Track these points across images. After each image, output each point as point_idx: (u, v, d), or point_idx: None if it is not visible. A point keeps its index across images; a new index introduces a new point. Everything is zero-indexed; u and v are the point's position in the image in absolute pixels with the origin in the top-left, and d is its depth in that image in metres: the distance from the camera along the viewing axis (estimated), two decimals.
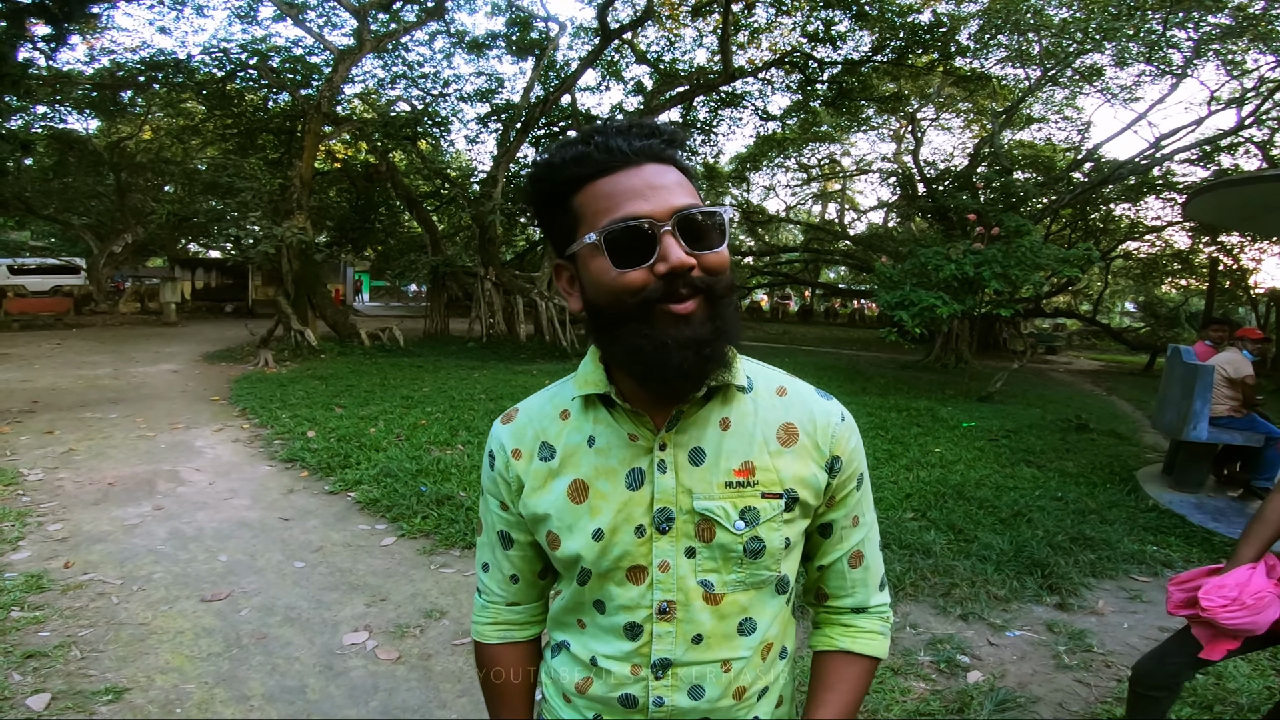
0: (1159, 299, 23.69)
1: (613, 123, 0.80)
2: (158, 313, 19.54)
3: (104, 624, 2.86)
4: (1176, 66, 12.83)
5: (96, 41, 14.66)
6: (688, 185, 0.78)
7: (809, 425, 0.87)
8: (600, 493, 0.85)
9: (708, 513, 0.82)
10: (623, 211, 0.74)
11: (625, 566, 0.84)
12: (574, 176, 0.77)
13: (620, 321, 0.77)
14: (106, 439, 6.00)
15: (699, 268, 0.75)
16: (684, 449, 0.83)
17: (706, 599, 0.84)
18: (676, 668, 0.86)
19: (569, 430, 0.88)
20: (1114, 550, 3.99)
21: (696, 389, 0.81)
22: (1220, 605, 1.65)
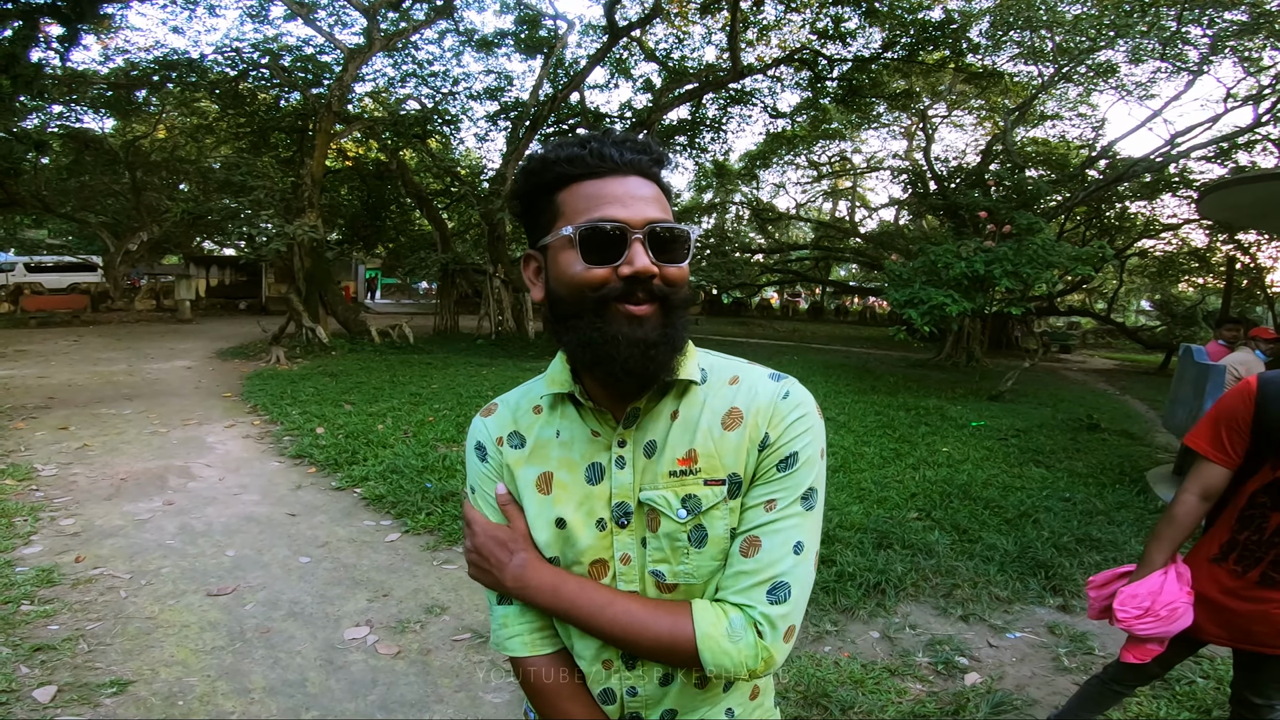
0: (1175, 297, 23.36)
1: (610, 133, 0.85)
2: (173, 310, 19.78)
3: (112, 618, 2.91)
4: (1192, 63, 12.66)
5: (110, 41, 14.84)
6: (663, 202, 0.85)
7: (750, 405, 0.86)
8: (561, 483, 0.89)
9: (650, 502, 0.85)
10: (601, 213, 0.80)
11: (588, 560, 0.87)
12: (564, 174, 0.83)
13: (578, 314, 0.82)
14: (120, 435, 6.09)
15: (660, 277, 0.81)
16: (640, 444, 0.87)
17: (660, 588, 0.86)
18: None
19: (540, 424, 0.93)
20: (1120, 552, 3.95)
21: (641, 386, 0.85)
22: (1134, 616, 1.67)
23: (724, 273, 19.50)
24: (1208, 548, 1.74)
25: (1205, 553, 1.74)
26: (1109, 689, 2.02)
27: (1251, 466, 1.64)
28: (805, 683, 2.53)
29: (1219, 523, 1.73)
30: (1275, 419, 1.57)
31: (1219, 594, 1.69)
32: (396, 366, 10.65)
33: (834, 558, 3.64)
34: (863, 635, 2.99)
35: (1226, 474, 1.67)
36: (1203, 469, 1.69)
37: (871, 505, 4.62)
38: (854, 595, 3.26)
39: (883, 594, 3.33)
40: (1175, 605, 1.64)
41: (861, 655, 2.81)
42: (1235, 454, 1.65)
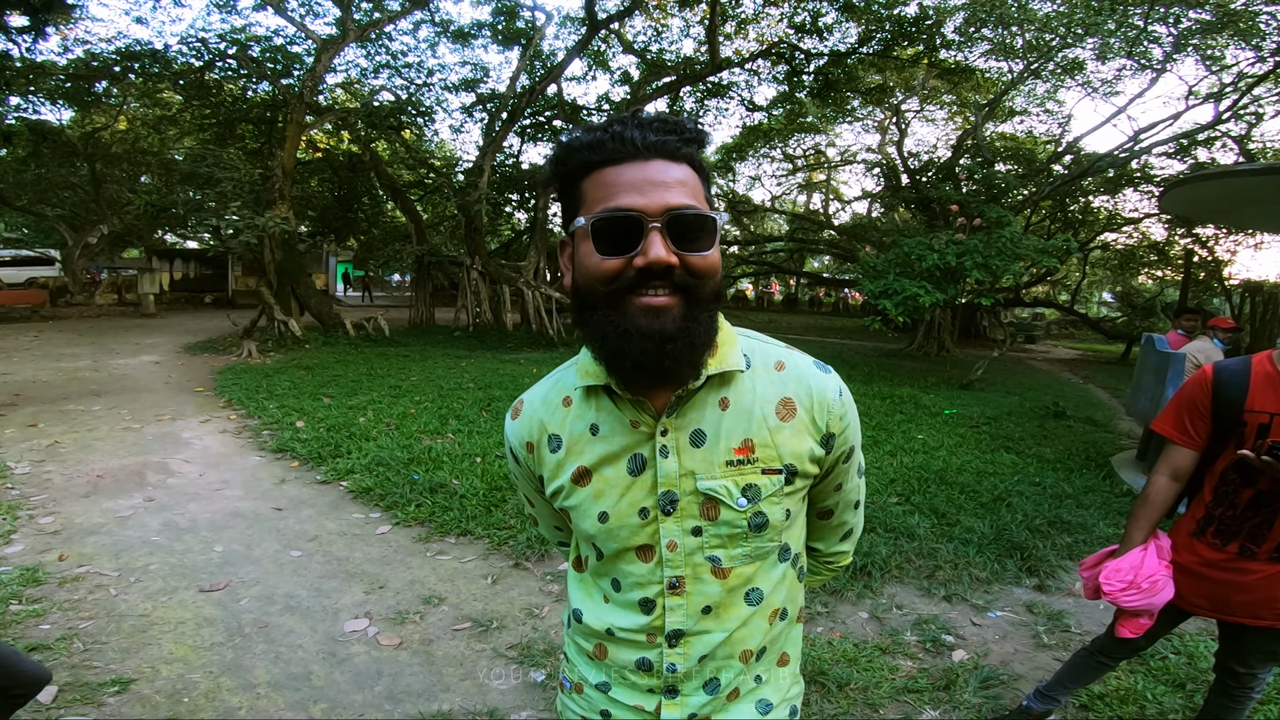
0: (1135, 289, 24.13)
1: (638, 115, 0.82)
2: (135, 304, 19.23)
3: (104, 616, 2.88)
4: (1157, 61, 13.02)
5: (71, 32, 14.33)
6: (693, 185, 0.80)
7: (806, 400, 0.89)
8: (604, 478, 0.89)
9: (711, 492, 0.86)
10: (616, 202, 0.77)
11: (633, 546, 0.90)
12: (586, 161, 0.80)
13: (593, 306, 0.81)
14: (91, 431, 5.95)
15: (682, 267, 0.78)
16: (685, 432, 0.87)
17: (715, 573, 0.89)
18: (689, 637, 0.92)
19: (572, 418, 0.92)
20: (1090, 534, 4.12)
21: (665, 380, 0.83)
22: (1120, 589, 1.77)
23: None
24: (1187, 523, 1.85)
25: (1185, 528, 1.85)
26: (1096, 661, 2.13)
27: (1217, 447, 1.76)
28: (802, 661, 2.61)
29: (1196, 500, 1.84)
30: (1229, 403, 1.70)
31: (1200, 566, 1.79)
32: (373, 359, 10.54)
33: None
34: (852, 616, 3.09)
35: (1193, 455, 1.79)
36: (1171, 452, 1.81)
37: None
38: (842, 578, 3.37)
39: (869, 576, 3.43)
40: (1156, 578, 1.74)
41: (853, 635, 2.91)
42: (1199, 436, 1.77)
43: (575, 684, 1.02)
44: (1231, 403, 1.69)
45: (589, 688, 1.00)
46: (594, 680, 0.99)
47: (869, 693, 2.46)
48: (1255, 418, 1.66)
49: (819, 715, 2.35)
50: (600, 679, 0.98)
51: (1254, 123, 14.26)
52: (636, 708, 0.96)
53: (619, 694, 0.97)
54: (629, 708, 0.96)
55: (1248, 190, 5.87)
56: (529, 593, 3.23)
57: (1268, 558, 1.69)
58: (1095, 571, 1.88)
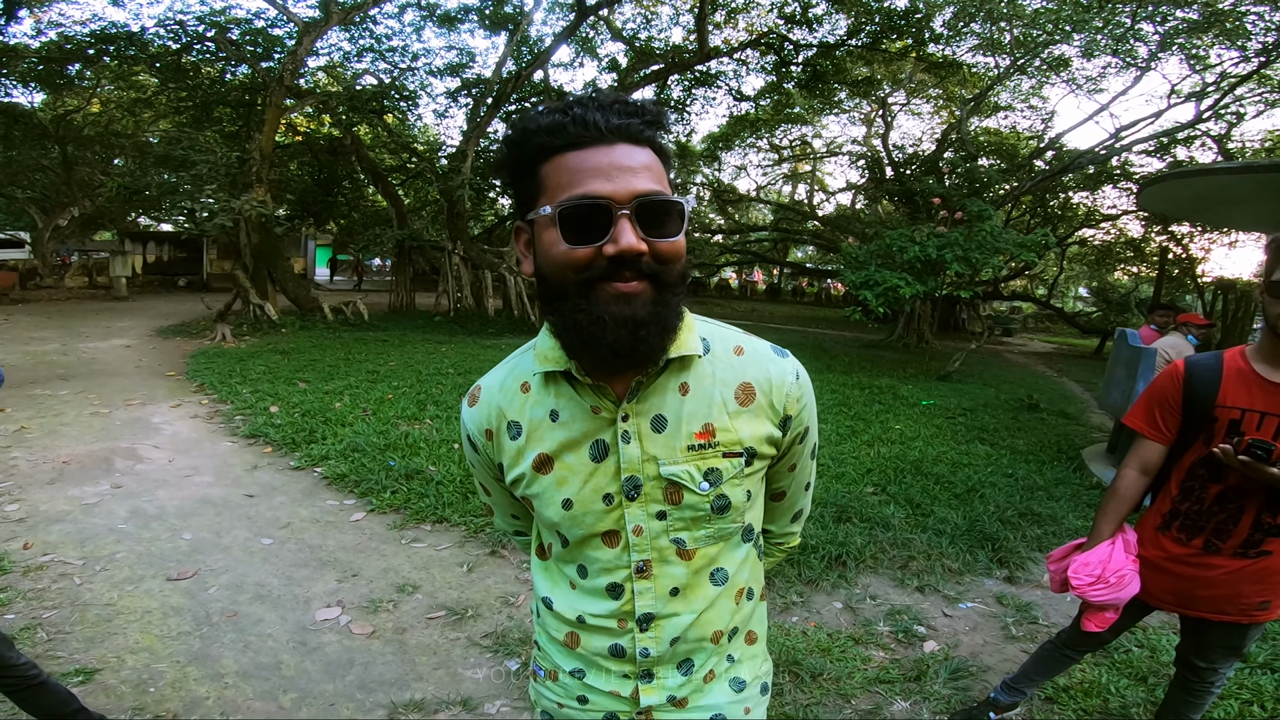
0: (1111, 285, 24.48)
1: (597, 95, 0.78)
2: (107, 287, 18.79)
3: (69, 605, 2.82)
4: (1141, 59, 13.14)
5: (44, 15, 13.88)
6: (657, 169, 0.78)
7: (765, 384, 0.90)
8: (566, 465, 0.88)
9: (673, 477, 0.87)
10: (583, 189, 0.74)
11: (599, 532, 0.89)
12: (545, 145, 0.77)
13: (563, 295, 0.79)
14: (59, 416, 5.82)
15: (651, 253, 0.76)
16: (645, 417, 0.86)
17: (680, 555, 0.90)
18: (659, 620, 0.92)
19: (531, 404, 0.90)
20: (1059, 526, 4.19)
21: (638, 365, 0.83)
22: (1087, 584, 1.78)
23: None
24: (1153, 517, 1.86)
25: (1151, 522, 1.86)
26: (1061, 654, 2.15)
27: (1186, 441, 1.76)
28: (776, 651, 2.63)
29: (1162, 494, 1.85)
30: (1201, 398, 1.70)
31: (1165, 561, 1.80)
32: (351, 344, 10.40)
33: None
34: (827, 606, 3.12)
35: (1162, 450, 1.79)
36: (1140, 446, 1.82)
37: (830, 480, 4.78)
38: (817, 567, 3.39)
39: (844, 566, 3.46)
40: (1123, 572, 1.75)
41: (827, 625, 2.93)
42: (1169, 431, 1.77)
43: (550, 671, 1.02)
44: (1203, 398, 1.70)
45: (564, 675, 1.00)
46: (568, 667, 0.99)
47: (841, 683, 2.48)
48: (1226, 413, 1.66)
49: (793, 704, 2.37)
50: (574, 665, 0.99)
51: (1234, 122, 14.48)
52: (613, 694, 0.96)
53: (594, 680, 0.97)
54: (605, 693, 0.97)
55: (1223, 189, 5.96)
56: (505, 581, 3.21)
57: (1232, 553, 1.70)
58: (1063, 565, 1.88)
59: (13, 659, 1.84)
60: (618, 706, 0.97)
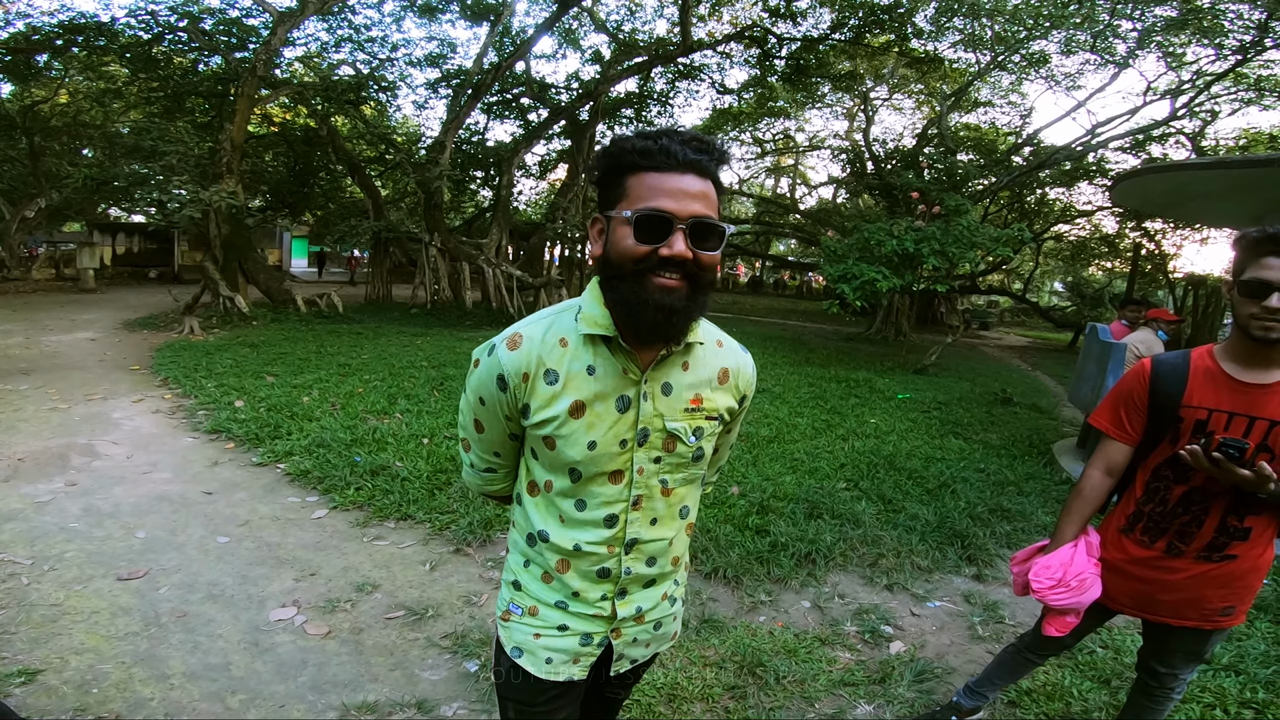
0: (1085, 280, 24.85)
1: (681, 131, 1.01)
2: (74, 279, 18.34)
3: (14, 606, 2.71)
4: (1119, 56, 13.28)
5: (11, 6, 13.45)
6: (712, 198, 1.01)
7: (736, 371, 1.20)
8: (596, 413, 1.09)
9: (674, 431, 1.12)
10: (656, 203, 0.97)
11: (609, 470, 1.11)
12: (635, 164, 1.00)
13: (621, 277, 1.01)
14: (16, 412, 5.63)
15: (694, 261, 0.99)
16: (658, 383, 1.11)
17: (663, 493, 1.16)
18: (640, 544, 1.18)
19: (569, 358, 1.09)
20: (1029, 522, 4.21)
21: (665, 341, 1.06)
22: (1048, 587, 1.74)
23: None
24: (1117, 519, 1.82)
25: (1115, 524, 1.82)
26: (1023, 657, 2.12)
27: (1152, 442, 1.72)
28: (741, 653, 2.60)
29: (1125, 495, 1.81)
30: (1167, 397, 1.66)
31: (1127, 564, 1.76)
32: (324, 337, 10.23)
33: (768, 528, 3.74)
34: (795, 605, 3.09)
35: (1128, 450, 1.75)
36: (1106, 446, 1.77)
37: (804, 476, 4.76)
38: (786, 565, 3.37)
39: (814, 564, 3.44)
40: (1084, 576, 1.71)
41: (794, 625, 2.91)
42: (1134, 431, 1.73)
43: (529, 608, 1.21)
44: (1169, 397, 1.65)
45: (545, 608, 1.20)
46: (551, 600, 1.19)
47: (806, 686, 2.45)
48: (1193, 413, 1.62)
49: (756, 708, 2.33)
50: (557, 598, 1.19)
51: (1208, 120, 14.68)
52: (595, 615, 1.19)
53: (577, 607, 1.19)
54: (586, 617, 1.19)
55: (1195, 184, 6.02)
56: (468, 579, 3.15)
57: (1195, 556, 1.67)
58: (1025, 567, 1.85)
59: None
60: (594, 627, 1.20)
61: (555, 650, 1.20)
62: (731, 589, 3.18)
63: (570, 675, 1.21)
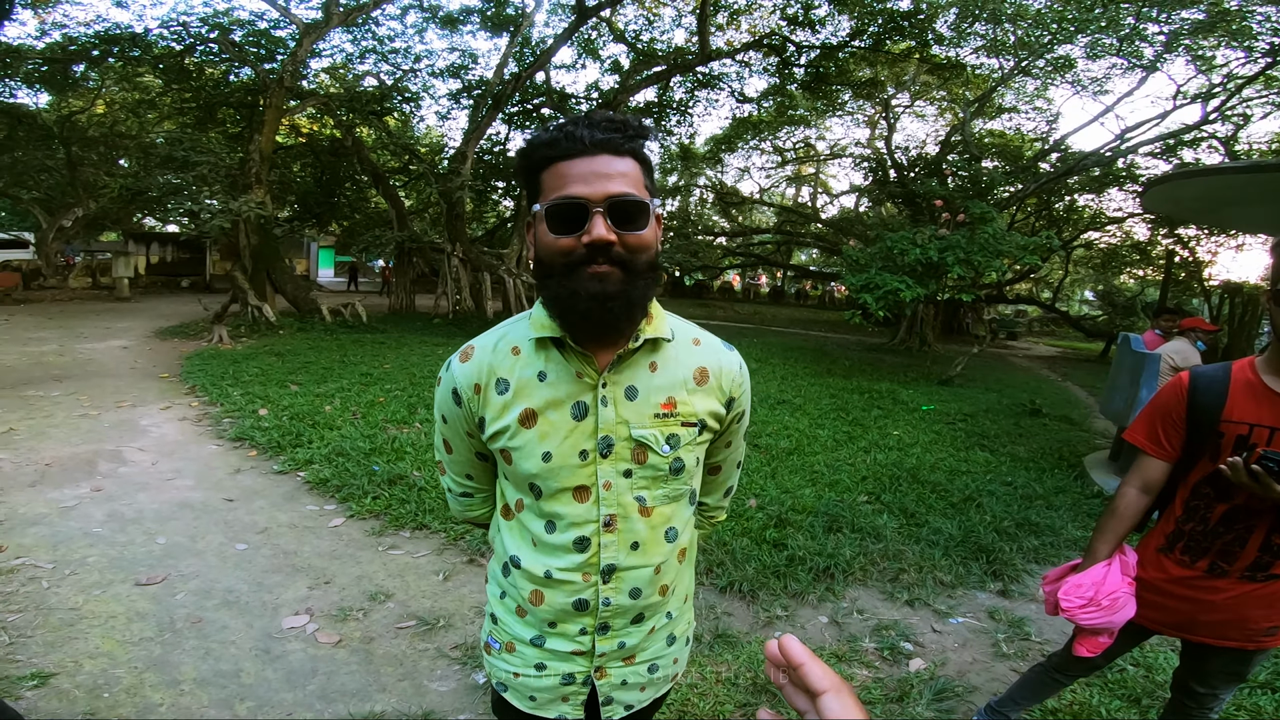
0: (1117, 288, 24.30)
1: (590, 115, 0.95)
2: (110, 288, 18.87)
3: (33, 609, 2.75)
4: (1147, 60, 13.01)
5: (48, 15, 13.95)
6: (634, 176, 0.94)
7: (717, 370, 1.08)
8: (549, 421, 1.00)
9: (642, 439, 1.01)
10: (566, 191, 0.91)
11: (571, 486, 1.01)
12: (544, 156, 0.94)
13: (551, 274, 0.95)
14: (48, 418, 5.77)
15: (620, 244, 0.91)
16: (621, 386, 1.01)
17: (641, 512, 1.04)
18: (620, 571, 1.05)
19: (520, 365, 1.02)
20: (1058, 536, 4.08)
21: (604, 333, 0.97)
22: (1079, 606, 1.67)
23: (687, 255, 19.50)
24: (1155, 538, 1.74)
25: (1153, 543, 1.74)
26: (1050, 678, 2.03)
27: (1192, 458, 1.64)
28: (755, 669, 2.54)
29: (1165, 514, 1.73)
30: (1206, 412, 1.58)
31: (1167, 584, 1.69)
32: (348, 346, 10.36)
33: (785, 541, 3.67)
34: (812, 620, 3.02)
35: (1165, 467, 1.67)
36: (1142, 463, 1.70)
37: (823, 488, 4.68)
38: (804, 580, 3.30)
39: (832, 578, 3.37)
40: (1117, 595, 1.64)
41: (810, 641, 2.84)
42: (1172, 448, 1.65)
43: (506, 644, 1.12)
44: (1208, 412, 1.58)
45: (521, 645, 1.10)
46: (527, 636, 1.09)
47: None
48: (1234, 428, 1.55)
49: None
50: (532, 634, 1.09)
51: (1241, 124, 14.30)
52: (573, 653, 1.08)
53: (554, 644, 1.08)
54: (565, 654, 1.09)
55: (1229, 190, 5.84)
56: (481, 590, 3.13)
57: (1239, 576, 1.59)
58: (1057, 586, 1.78)
59: None
60: (574, 667, 1.09)
61: (537, 690, 1.11)
62: (747, 603, 3.12)
63: (561, 713, 1.12)
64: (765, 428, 6.36)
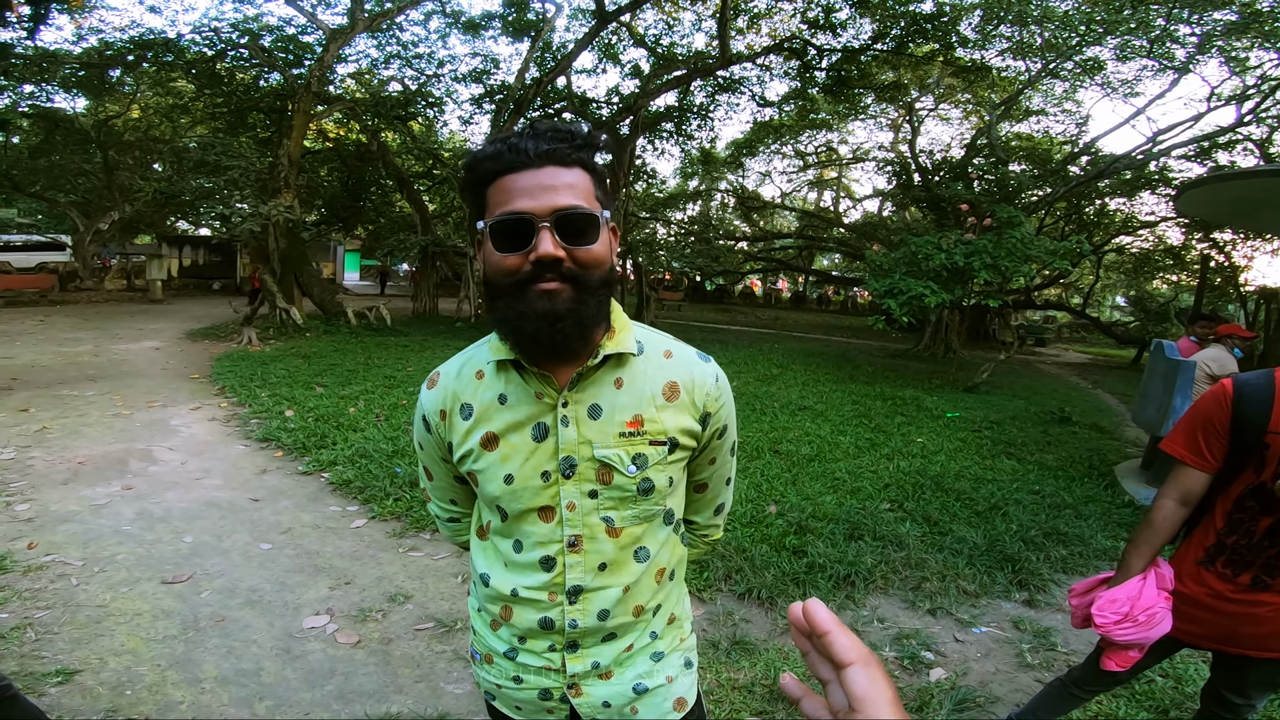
0: (1149, 294, 23.74)
1: (534, 125, 0.90)
2: (144, 290, 19.36)
3: (61, 606, 2.82)
4: (1178, 62, 12.71)
5: (85, 21, 14.40)
6: (584, 187, 0.89)
7: (688, 384, 1.02)
8: (510, 444, 0.98)
9: (605, 459, 0.97)
10: (511, 206, 0.87)
11: (535, 507, 0.99)
12: (489, 171, 0.90)
13: (499, 294, 0.91)
14: (82, 417, 5.92)
15: (570, 260, 0.88)
16: (583, 405, 0.97)
17: (609, 532, 1.00)
18: (587, 593, 1.02)
19: (482, 389, 1.00)
20: (1087, 546, 3.98)
21: (554, 352, 0.93)
22: (1113, 621, 1.62)
23: (708, 260, 19.45)
24: (1193, 551, 1.69)
25: (1192, 556, 1.69)
26: (1070, 692, 1.98)
27: (1233, 470, 1.58)
28: (772, 676, 2.51)
29: (1203, 526, 1.67)
30: (1250, 422, 1.52)
31: (1208, 598, 1.64)
32: (372, 349, 10.50)
33: (805, 548, 3.63)
34: None
35: (1206, 479, 1.62)
36: (1180, 474, 1.64)
37: (845, 495, 4.62)
38: (824, 587, 3.26)
39: (852, 586, 3.32)
40: (1154, 610, 1.60)
41: None
42: (1214, 459, 1.59)
43: (484, 655, 1.12)
44: (1253, 422, 1.51)
45: (498, 657, 1.09)
46: (501, 649, 1.08)
47: None
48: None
49: None
50: (506, 646, 1.08)
51: (1276, 126, 13.91)
52: (544, 668, 1.06)
53: (525, 658, 1.06)
54: (536, 670, 1.06)
55: (1265, 193, 5.68)
56: None
57: None
58: (1086, 599, 1.74)
59: None
60: (549, 682, 1.06)
61: (521, 701, 1.10)
62: (765, 610, 3.09)
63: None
64: (786, 434, 6.31)
